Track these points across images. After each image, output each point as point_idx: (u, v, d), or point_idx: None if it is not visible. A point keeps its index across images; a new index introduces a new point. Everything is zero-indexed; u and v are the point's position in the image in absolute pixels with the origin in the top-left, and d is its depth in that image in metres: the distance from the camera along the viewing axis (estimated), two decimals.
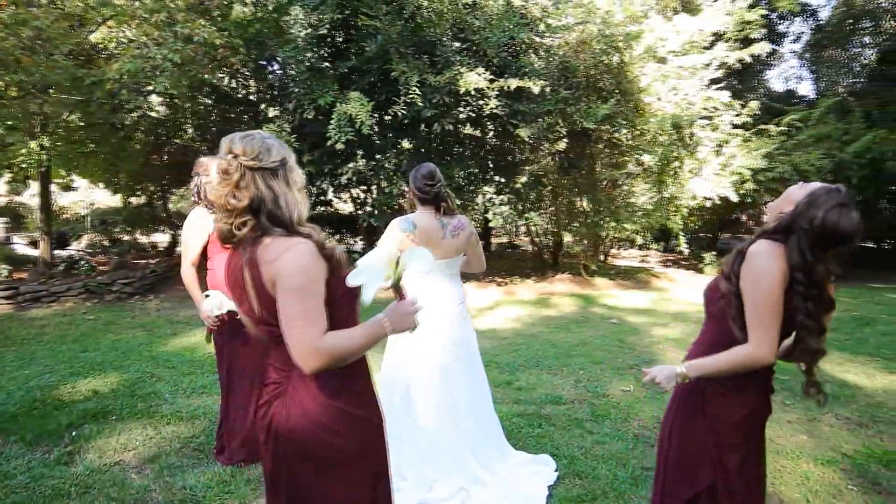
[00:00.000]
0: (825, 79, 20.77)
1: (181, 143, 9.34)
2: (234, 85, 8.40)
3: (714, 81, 10.81)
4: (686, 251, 12.86)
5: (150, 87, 7.99)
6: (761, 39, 11.93)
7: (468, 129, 9.01)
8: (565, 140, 8.94)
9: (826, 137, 12.07)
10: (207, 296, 3.20)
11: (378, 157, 8.20)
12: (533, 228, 11.91)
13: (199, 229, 3.26)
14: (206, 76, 6.94)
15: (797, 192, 1.94)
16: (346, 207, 13.29)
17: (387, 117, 8.05)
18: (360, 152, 7.98)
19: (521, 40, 8.30)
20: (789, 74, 31.05)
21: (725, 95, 11.24)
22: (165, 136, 9.34)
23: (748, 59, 11.61)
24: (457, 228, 3.19)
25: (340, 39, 8.32)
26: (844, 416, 4.45)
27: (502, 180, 9.29)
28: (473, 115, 8.01)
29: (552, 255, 12.72)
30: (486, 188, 9.11)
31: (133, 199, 11.34)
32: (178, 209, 12.68)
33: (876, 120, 12.99)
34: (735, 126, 11.88)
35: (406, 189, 3.34)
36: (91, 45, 7.48)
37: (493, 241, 17.18)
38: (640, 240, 12.35)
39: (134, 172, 9.27)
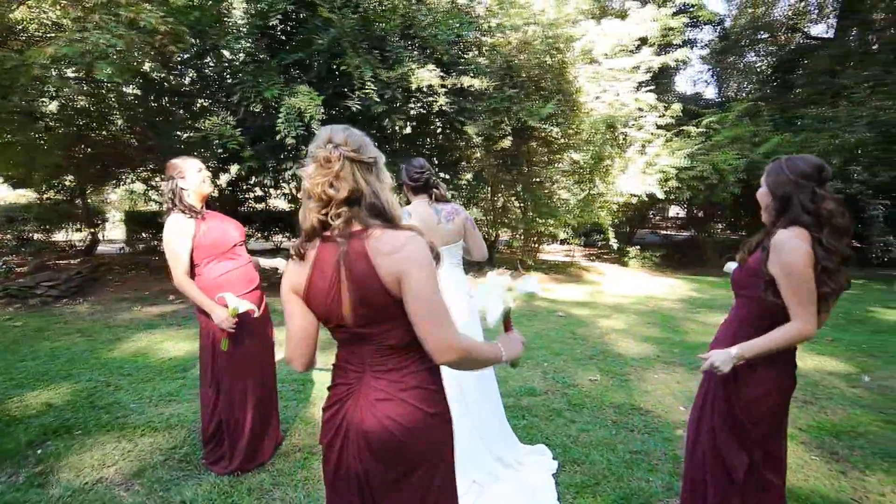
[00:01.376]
0: (732, 83, 22.40)
1: (108, 135, 8.69)
2: (164, 74, 7.89)
3: (643, 84, 11.40)
4: (615, 245, 13.49)
5: (76, 74, 7.45)
6: (682, 45, 12.73)
7: (411, 126, 8.97)
8: (510, 138, 9.12)
9: (739, 139, 12.99)
10: (221, 297, 3.05)
11: None
12: None
13: (183, 236, 3.09)
14: (149, 64, 6.49)
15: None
16: (278, 203, 12.96)
17: (333, 111, 7.88)
18: (304, 147, 7.74)
19: (466, 38, 8.38)
20: (697, 78, 33.08)
21: (652, 97, 11.90)
22: (89, 127, 8.65)
23: (671, 64, 12.35)
24: (451, 213, 3.27)
25: (286, 31, 8.04)
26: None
27: (447, 176, 9.34)
28: (424, 111, 7.99)
29: (488, 250, 12.92)
30: None
31: (46, 195, 10.45)
32: (97, 205, 11.80)
33: (778, 124, 14.13)
34: (658, 127, 12.59)
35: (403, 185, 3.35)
36: (8, 25, 6.82)
37: None
38: (562, 234, 12.74)
39: (51, 166, 8.52)
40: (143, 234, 12.43)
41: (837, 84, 13.43)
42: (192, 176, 3.15)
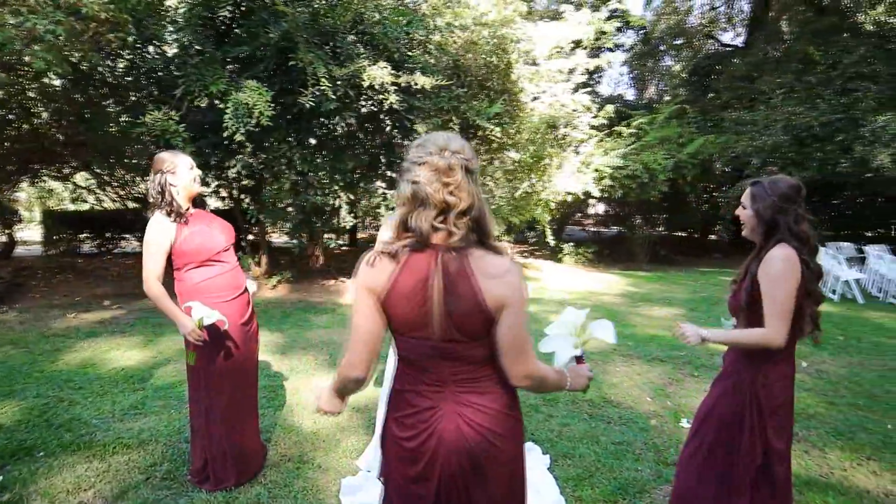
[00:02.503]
0: (650, 87, 23.50)
1: (30, 129, 8.00)
2: (98, 65, 7.34)
3: (581, 85, 11.78)
4: (552, 242, 13.88)
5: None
6: (613, 49, 13.24)
7: (360, 124, 8.83)
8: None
9: (667, 140, 13.67)
10: (189, 307, 2.87)
11: (273, 149, 7.77)
12: None
13: (161, 240, 2.89)
14: (77, 54, 5.99)
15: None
16: (214, 203, 12.37)
17: (281, 107, 7.64)
18: (249, 145, 7.47)
19: (414, 37, 8.33)
20: (618, 81, 34.49)
21: (587, 99, 12.31)
22: (6, 121, 7.93)
23: (604, 67, 12.86)
24: None
25: (231, 23, 7.69)
26: None
27: (394, 175, 9.25)
28: (375, 109, 7.89)
29: None
30: (378, 183, 9.02)
31: None
32: (5, 202, 10.85)
33: (698, 126, 14.98)
34: (592, 127, 13.05)
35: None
36: None
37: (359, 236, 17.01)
38: (497, 232, 13.01)
39: None
40: (64, 235, 11.57)
41: (755, 90, 14.40)
42: (184, 173, 2.96)
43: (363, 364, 1.63)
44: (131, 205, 11.07)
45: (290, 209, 8.47)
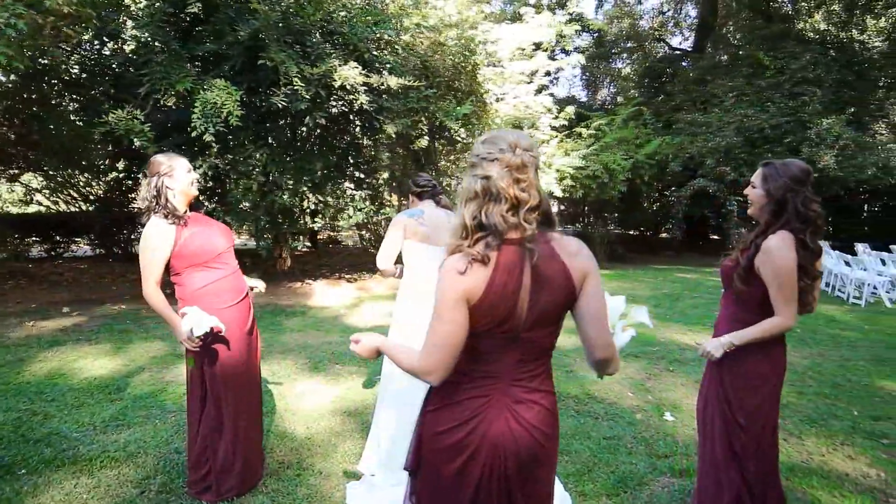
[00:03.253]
0: (602, 89, 24.04)
1: None
2: (55, 61, 7.01)
3: (544, 87, 11.97)
4: None
5: None
6: (571, 52, 13.50)
7: (329, 124, 8.73)
8: (426, 137, 9.16)
9: (625, 141, 14.03)
10: (184, 314, 2.79)
11: (240, 150, 7.59)
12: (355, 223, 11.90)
13: (161, 244, 2.81)
14: (50, 49, 5.71)
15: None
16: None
17: (246, 108, 7.48)
18: (216, 145, 7.28)
19: (381, 37, 8.29)
20: (571, 83, 35.09)
21: (549, 100, 12.52)
22: None
23: (564, 68, 13.10)
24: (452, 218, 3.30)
25: (198, 19, 7.45)
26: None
27: (362, 175, 9.19)
28: (346, 109, 7.80)
29: None
30: (346, 184, 8.93)
31: None
32: None
33: (654, 127, 15.44)
34: (552, 128, 13.27)
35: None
36: None
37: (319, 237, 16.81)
38: None
39: None
40: (10, 240, 10.97)
41: (707, 93, 14.93)
42: (182, 176, 2.88)
43: (444, 370, 1.56)
44: (85, 207, 10.59)
45: (257, 211, 8.28)
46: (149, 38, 6.78)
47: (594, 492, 3.21)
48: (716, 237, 19.67)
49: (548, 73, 12.38)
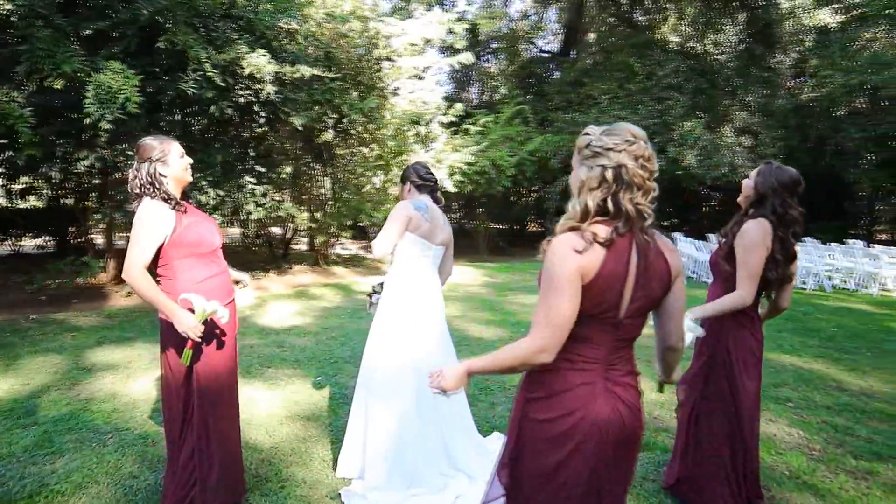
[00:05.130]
0: (486, 85, 24.72)
1: None
2: None
3: (439, 83, 12.13)
4: None
5: None
6: (461, 49, 13.75)
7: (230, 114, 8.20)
8: (331, 130, 8.93)
9: (510, 138, 14.63)
10: (185, 300, 2.56)
11: (134, 140, 6.87)
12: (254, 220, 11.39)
13: (159, 226, 2.56)
14: None
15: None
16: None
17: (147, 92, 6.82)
18: (105, 135, 6.56)
19: (285, 25, 7.94)
20: (444, 81, 35.62)
21: (438, 96, 12.71)
22: None
23: (455, 66, 13.31)
24: (445, 219, 3.32)
25: None
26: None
27: (264, 169, 8.73)
28: (254, 98, 7.36)
29: (285, 246, 12.48)
30: (247, 178, 8.42)
31: None
32: None
33: (536, 126, 16.25)
34: (441, 125, 13.50)
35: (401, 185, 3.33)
36: None
37: None
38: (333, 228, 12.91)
39: None
40: None
41: (583, 94, 16.00)
42: (175, 161, 2.66)
43: (557, 347, 1.58)
44: None
45: None
46: (24, 8, 5.90)
47: None
48: None
49: (439, 70, 12.52)
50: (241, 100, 7.22)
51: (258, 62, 6.73)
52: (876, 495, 3.21)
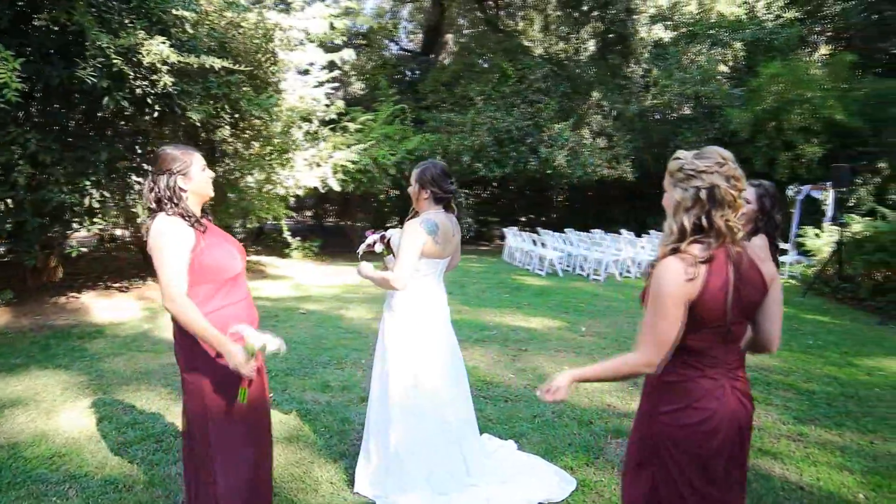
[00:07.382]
0: (363, 84, 24.26)
1: None
2: None
3: (326, 81, 11.75)
4: (289, 238, 13.47)
5: None
6: (343, 47, 13.47)
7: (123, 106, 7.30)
8: (228, 127, 8.34)
9: (389, 137, 14.63)
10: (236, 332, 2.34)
11: (6, 134, 5.91)
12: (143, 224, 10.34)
13: (183, 245, 2.32)
14: None
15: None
16: None
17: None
18: None
19: (178, 12, 7.23)
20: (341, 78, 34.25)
21: (321, 93, 12.38)
22: None
23: (338, 62, 12.98)
24: (456, 225, 3.17)
25: None
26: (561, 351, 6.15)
27: (150, 169, 7.84)
28: (151, 90, 6.60)
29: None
30: (134, 177, 7.55)
31: None
32: None
33: (410, 123, 16.39)
34: (322, 122, 13.16)
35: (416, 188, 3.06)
36: None
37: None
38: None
39: None
40: None
41: (458, 94, 16.45)
42: (197, 174, 2.43)
43: (662, 362, 1.81)
44: None
45: (21, 211, 6.48)
46: None
47: (574, 464, 3.53)
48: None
49: (324, 68, 12.12)
50: (138, 91, 6.47)
51: (160, 50, 6.09)
52: (814, 453, 3.79)
